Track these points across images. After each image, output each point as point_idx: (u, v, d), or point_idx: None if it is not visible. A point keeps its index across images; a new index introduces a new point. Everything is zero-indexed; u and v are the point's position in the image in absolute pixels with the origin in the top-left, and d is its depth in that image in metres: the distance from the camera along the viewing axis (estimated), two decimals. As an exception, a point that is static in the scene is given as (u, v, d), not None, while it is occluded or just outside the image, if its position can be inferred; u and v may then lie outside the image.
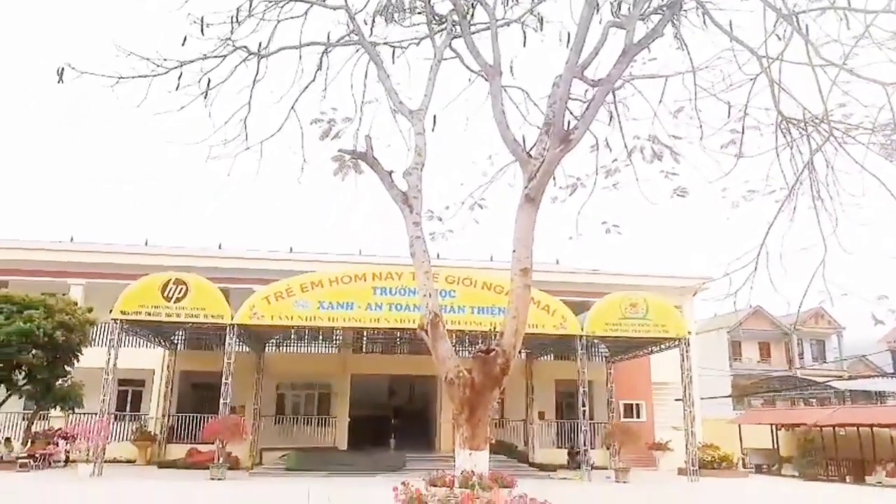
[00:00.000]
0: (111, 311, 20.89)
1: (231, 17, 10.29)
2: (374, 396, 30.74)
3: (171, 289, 20.91)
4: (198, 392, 27.02)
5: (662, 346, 23.92)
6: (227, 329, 21.13)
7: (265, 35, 10.70)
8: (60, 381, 21.94)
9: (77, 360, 22.18)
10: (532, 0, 10.86)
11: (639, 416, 28.76)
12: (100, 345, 22.98)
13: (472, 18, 10.83)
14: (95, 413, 21.00)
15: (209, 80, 10.35)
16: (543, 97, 10.13)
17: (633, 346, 25.08)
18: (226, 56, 10.48)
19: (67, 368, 22.06)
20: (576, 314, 22.58)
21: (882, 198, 7.64)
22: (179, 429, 25.50)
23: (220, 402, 20.71)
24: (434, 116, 10.64)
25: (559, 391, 28.69)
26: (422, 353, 21.06)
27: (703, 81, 9.47)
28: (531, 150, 9.51)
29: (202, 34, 10.00)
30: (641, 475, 23.29)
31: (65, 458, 22.14)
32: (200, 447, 22.92)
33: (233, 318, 21.09)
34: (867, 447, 25.33)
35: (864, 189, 8.26)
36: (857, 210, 8.50)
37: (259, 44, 10.67)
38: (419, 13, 11.39)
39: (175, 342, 26.02)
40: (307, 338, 26.99)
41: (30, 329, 20.20)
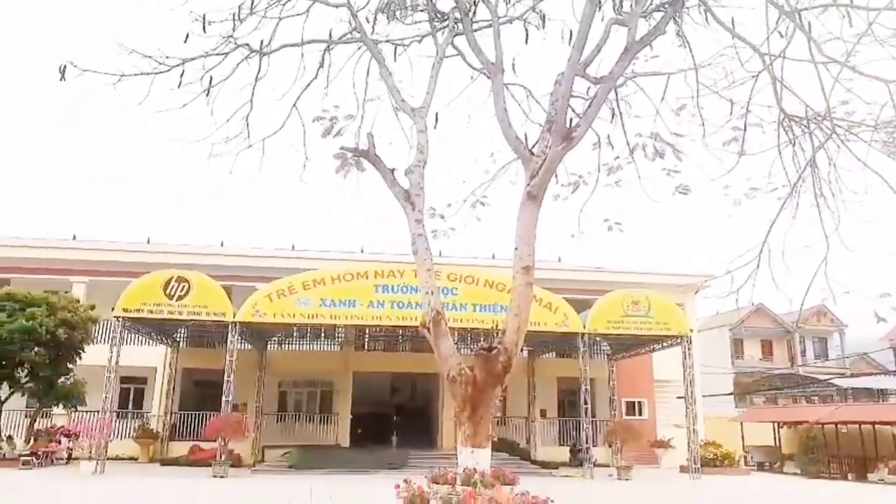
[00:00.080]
0: (113, 309, 20.92)
1: (233, 15, 10.30)
2: (377, 394, 30.75)
3: (174, 286, 20.93)
4: (200, 390, 27.04)
5: (664, 344, 23.91)
6: (230, 327, 21.15)
7: (267, 32, 10.74)
8: (63, 379, 21.96)
9: (79, 358, 22.20)
10: (534, -3, 10.86)
11: (641, 414, 28.76)
12: (102, 342, 23.00)
13: (475, 16, 10.83)
14: (98, 411, 21.02)
15: (211, 78, 10.37)
16: (545, 95, 10.14)
17: (635, 344, 25.06)
18: (228, 53, 10.49)
19: (70, 366, 22.07)
20: (578, 312, 22.58)
21: (884, 195, 7.64)
22: (182, 426, 25.52)
23: (223, 400, 20.74)
24: (436, 114, 10.67)
25: (561, 389, 28.68)
26: (424, 351, 21.07)
27: (706, 79, 9.48)
28: (533, 148, 9.52)
29: (204, 32, 10.02)
30: (643, 473, 23.28)
31: (67, 456, 22.18)
32: (203, 445, 22.94)
33: (235, 316, 21.10)
34: (869, 445, 25.30)
35: (867, 186, 8.27)
36: (860, 207, 8.50)
37: (261, 41, 10.68)
38: (421, 10, 11.40)
39: (177, 340, 26.03)
40: (309, 335, 26.97)
41: (32, 327, 20.23)
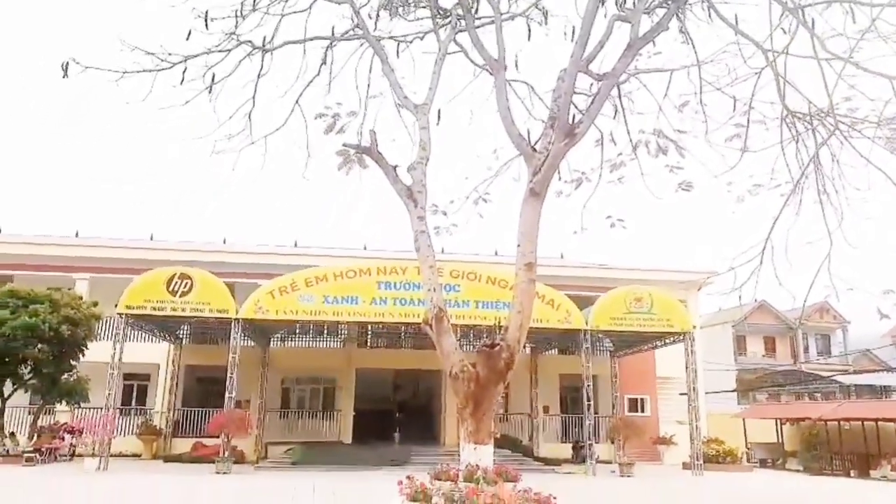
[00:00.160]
0: (116, 306, 20.93)
1: (235, 12, 10.30)
2: (379, 391, 30.76)
3: (177, 283, 20.94)
4: (203, 386, 27.07)
5: (667, 341, 23.88)
6: (233, 323, 21.15)
7: (269, 29, 10.74)
8: (66, 376, 21.99)
9: (82, 355, 22.23)
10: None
11: (643, 411, 28.77)
12: (105, 339, 22.99)
13: (477, 12, 10.82)
14: (101, 407, 21.04)
15: (213, 75, 10.37)
16: (548, 91, 10.13)
17: (638, 341, 25.05)
18: (230, 50, 10.49)
19: (73, 363, 22.10)
20: (580, 308, 22.57)
21: (888, 192, 7.63)
22: (185, 423, 25.54)
23: (226, 397, 20.73)
24: (438, 111, 10.65)
25: (563, 385, 28.68)
26: (426, 348, 21.05)
27: (709, 75, 9.47)
28: (536, 145, 9.51)
29: (206, 28, 10.01)
30: (646, 469, 23.31)
31: (70, 453, 22.22)
32: (206, 441, 22.96)
33: (238, 313, 21.11)
34: (872, 441, 25.32)
35: (870, 183, 8.26)
36: (863, 204, 8.49)
37: (263, 38, 10.68)
38: (423, 7, 11.40)
39: (180, 336, 26.07)
40: (312, 332, 27.01)
41: (35, 323, 20.26)
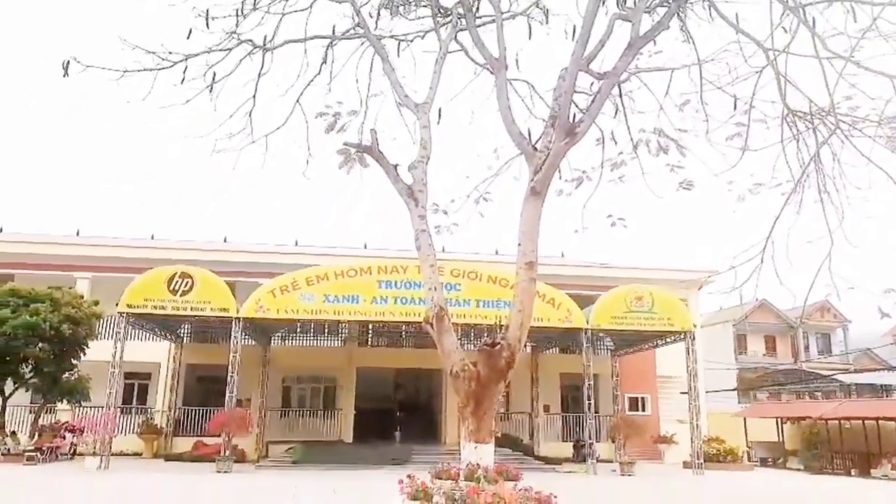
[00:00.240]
0: (117, 305, 20.94)
1: (236, 11, 10.30)
2: (380, 390, 30.75)
3: (177, 282, 20.95)
4: (204, 385, 27.09)
5: (668, 340, 23.87)
6: (233, 322, 21.16)
7: (270, 28, 10.73)
8: (67, 375, 22.01)
9: (83, 354, 22.25)
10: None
11: (644, 410, 28.77)
12: (106, 338, 22.98)
13: (478, 11, 10.82)
14: (102, 406, 21.06)
15: (214, 74, 10.37)
16: (549, 90, 10.12)
17: (639, 340, 25.04)
18: (231, 49, 10.49)
19: (74, 362, 22.13)
20: (581, 307, 22.57)
21: (889, 191, 7.63)
22: (185, 422, 25.55)
23: (226, 395, 20.74)
24: (439, 110, 10.65)
25: (564, 384, 28.70)
26: (427, 347, 21.07)
27: (709, 74, 9.46)
28: (536, 144, 9.51)
29: (207, 27, 10.01)
30: (646, 468, 23.32)
31: (71, 452, 22.23)
32: (206, 440, 22.98)
33: (238, 312, 21.12)
34: (872, 440, 25.30)
35: (871, 182, 8.26)
36: (864, 203, 8.49)
37: (264, 37, 10.68)
38: (424, 6, 11.40)
39: (181, 335, 26.08)
40: (313, 331, 27.01)
41: (36, 322, 20.28)
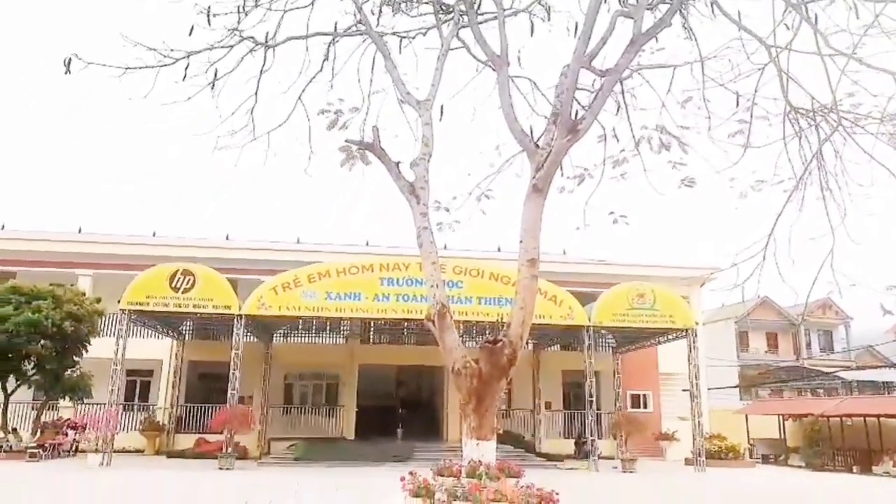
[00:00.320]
0: (119, 302, 20.95)
1: (238, 8, 10.29)
2: (382, 386, 30.77)
3: (179, 279, 20.96)
4: (206, 382, 27.14)
5: (670, 337, 23.88)
6: (235, 319, 21.16)
7: (272, 25, 10.71)
8: (69, 372, 22.04)
9: (85, 351, 22.28)
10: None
11: (646, 407, 28.78)
12: (108, 335, 23.02)
13: (480, 8, 10.80)
14: (104, 403, 21.10)
15: (216, 71, 10.37)
16: (551, 87, 10.12)
17: (641, 337, 25.05)
18: (233, 46, 10.48)
19: (76, 359, 22.15)
20: (583, 305, 22.56)
21: (891, 188, 7.62)
22: (187, 419, 25.60)
23: (228, 392, 20.75)
24: (441, 107, 10.65)
25: (566, 382, 28.72)
26: (429, 344, 21.07)
27: (711, 71, 9.44)
28: (539, 141, 9.51)
29: (209, 24, 10.00)
30: (648, 465, 23.34)
31: (73, 449, 22.26)
32: (208, 437, 23.03)
33: (240, 309, 21.12)
34: (874, 437, 25.30)
35: (873, 179, 8.24)
36: (866, 200, 8.48)
37: (266, 34, 10.67)
38: (426, 3, 11.38)
39: (183, 332, 26.11)
40: (315, 328, 27.04)
41: (38, 320, 20.30)
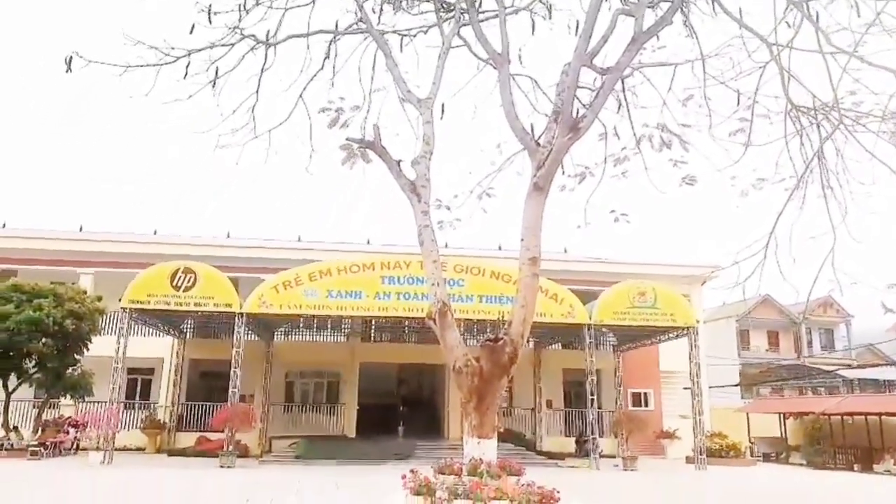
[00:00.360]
0: (120, 300, 20.96)
1: (239, 6, 10.28)
2: (383, 385, 30.77)
3: (180, 278, 20.96)
4: (207, 380, 27.15)
5: (671, 335, 23.87)
6: (236, 318, 21.16)
7: (273, 23, 10.71)
8: (70, 370, 22.06)
9: (87, 349, 22.29)
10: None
11: (647, 405, 28.77)
12: (109, 333, 23.07)
13: (481, 6, 10.79)
14: (105, 401, 21.12)
15: (217, 69, 10.37)
16: (552, 85, 10.12)
17: (642, 335, 25.03)
18: (234, 45, 10.48)
19: (77, 357, 22.16)
20: (584, 303, 22.54)
21: (892, 186, 7.63)
22: (189, 417, 25.62)
23: (230, 391, 20.76)
24: (442, 105, 10.65)
25: (567, 380, 28.71)
26: (430, 342, 21.09)
27: (713, 69, 9.44)
28: (539, 139, 9.51)
29: (210, 23, 10.00)
30: (649, 463, 23.34)
31: (75, 447, 22.28)
32: (210, 435, 23.05)
33: (242, 307, 21.13)
34: (875, 436, 25.30)
35: (874, 177, 8.24)
36: (867, 199, 8.48)
37: (267, 32, 10.66)
38: (427, 1, 11.36)
39: (184, 331, 26.12)
40: (316, 326, 27.00)
41: (39, 318, 20.30)
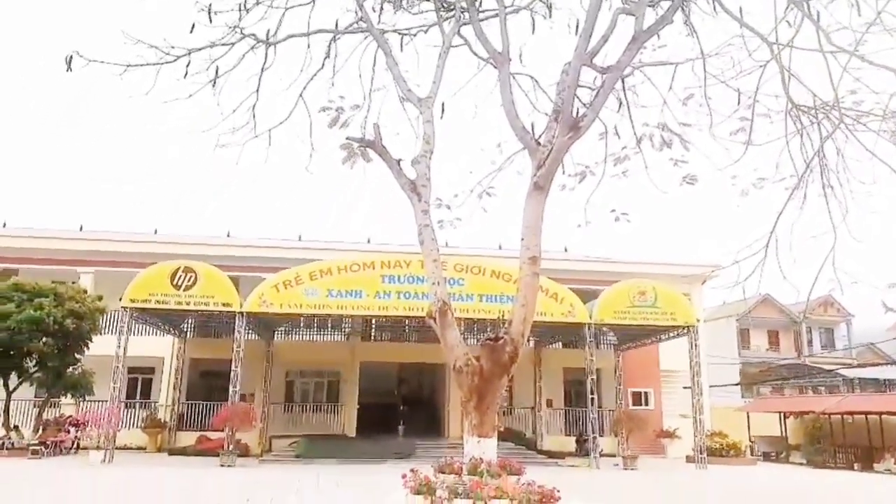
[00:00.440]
0: (121, 299, 20.97)
1: (239, 5, 10.28)
2: (383, 384, 30.77)
3: (181, 277, 20.96)
4: (207, 380, 27.15)
5: (671, 334, 23.87)
6: (237, 317, 21.16)
7: (273, 22, 10.70)
8: (71, 369, 22.06)
9: (87, 348, 22.29)
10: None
11: (647, 404, 28.76)
12: (110, 333, 23.09)
13: (481, 5, 10.79)
14: (106, 400, 21.13)
15: (217, 68, 10.37)
16: (552, 84, 10.12)
17: (642, 334, 25.03)
18: (234, 44, 10.47)
19: (78, 356, 22.16)
20: (584, 302, 22.54)
21: (892, 186, 7.62)
22: (189, 416, 25.63)
23: (230, 390, 20.77)
24: (442, 104, 10.64)
25: (567, 379, 28.72)
26: (430, 341, 21.11)
27: (713, 68, 9.43)
28: (540, 138, 9.50)
29: (210, 22, 9.99)
30: (649, 463, 23.34)
31: (75, 446, 22.29)
32: (210, 434, 23.06)
33: (242, 306, 21.13)
34: (875, 435, 25.31)
35: (875, 177, 8.23)
36: (868, 198, 8.47)
37: (267, 31, 10.66)
38: (427, 0, 11.36)
39: (184, 330, 26.11)
40: (316, 325, 27.02)
41: (40, 317, 20.31)
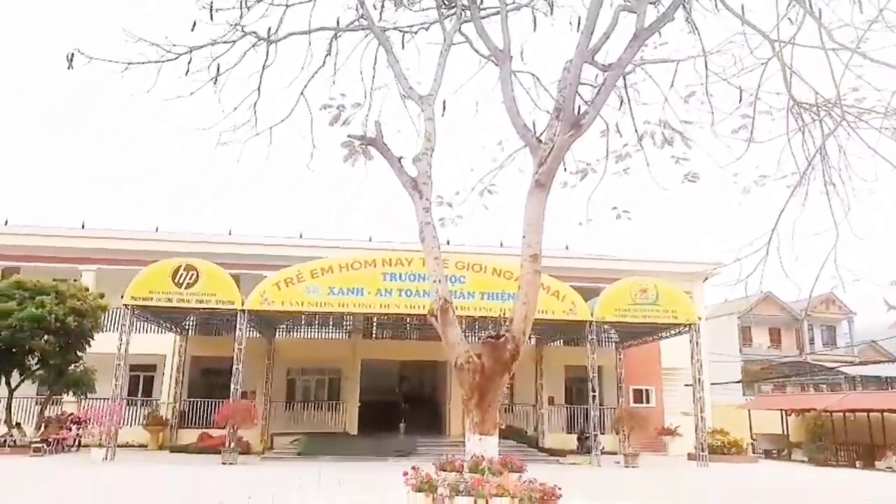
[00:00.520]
0: (122, 297, 21.00)
1: (240, 2, 10.27)
2: (385, 382, 30.81)
3: (182, 275, 20.99)
4: (209, 377, 27.19)
5: (672, 332, 23.86)
6: (238, 315, 21.19)
7: (274, 20, 10.69)
8: (72, 367, 22.10)
9: (89, 346, 22.32)
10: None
11: (648, 402, 28.77)
12: (111, 330, 23.10)
13: (482, 2, 10.77)
14: (107, 398, 21.16)
15: (218, 66, 10.36)
16: (554, 82, 10.10)
17: (643, 332, 25.01)
18: (235, 42, 10.46)
19: (79, 354, 22.20)
20: (586, 300, 22.54)
21: (894, 183, 7.60)
22: (191, 414, 25.67)
23: (231, 388, 20.80)
24: (444, 102, 10.63)
25: (569, 377, 28.72)
26: (432, 339, 21.11)
27: (715, 66, 9.41)
28: (541, 136, 9.49)
29: (211, 19, 9.98)
30: (651, 460, 23.35)
31: (77, 443, 22.32)
32: (212, 432, 23.10)
33: (243, 304, 21.15)
34: (877, 432, 25.28)
35: (877, 174, 8.21)
36: (870, 195, 8.46)
37: (268, 29, 10.64)
38: (428, -3, 11.34)
39: (186, 328, 26.14)
40: (317, 323, 27.02)
41: (42, 315, 20.34)
